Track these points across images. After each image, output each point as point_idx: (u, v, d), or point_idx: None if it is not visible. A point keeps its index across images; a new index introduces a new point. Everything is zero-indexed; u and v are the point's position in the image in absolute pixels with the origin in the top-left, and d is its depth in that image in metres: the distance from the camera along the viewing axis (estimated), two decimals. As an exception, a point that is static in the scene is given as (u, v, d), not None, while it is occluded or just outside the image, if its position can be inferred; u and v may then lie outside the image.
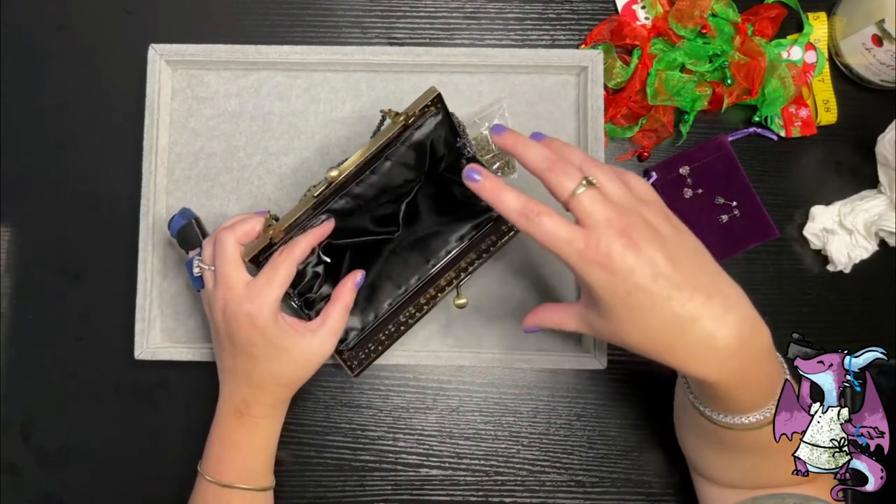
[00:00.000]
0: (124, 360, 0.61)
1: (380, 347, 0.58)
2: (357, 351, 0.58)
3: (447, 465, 0.61)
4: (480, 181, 0.44)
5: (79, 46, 0.65)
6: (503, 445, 0.61)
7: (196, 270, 0.53)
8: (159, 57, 0.61)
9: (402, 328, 0.58)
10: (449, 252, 0.57)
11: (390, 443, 0.62)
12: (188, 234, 0.55)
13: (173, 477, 0.59)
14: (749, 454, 0.49)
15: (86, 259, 0.63)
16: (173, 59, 0.61)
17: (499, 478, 0.61)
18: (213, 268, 0.52)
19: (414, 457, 0.61)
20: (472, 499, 0.61)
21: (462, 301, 0.58)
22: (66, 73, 0.64)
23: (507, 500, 0.61)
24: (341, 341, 0.56)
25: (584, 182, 0.42)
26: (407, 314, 0.58)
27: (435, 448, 0.62)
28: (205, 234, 0.56)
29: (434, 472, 0.61)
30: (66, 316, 0.63)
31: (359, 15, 0.65)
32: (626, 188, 0.44)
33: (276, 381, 0.52)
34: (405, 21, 0.65)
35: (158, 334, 0.61)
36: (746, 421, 0.45)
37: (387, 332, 0.58)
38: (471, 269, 0.58)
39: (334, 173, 0.50)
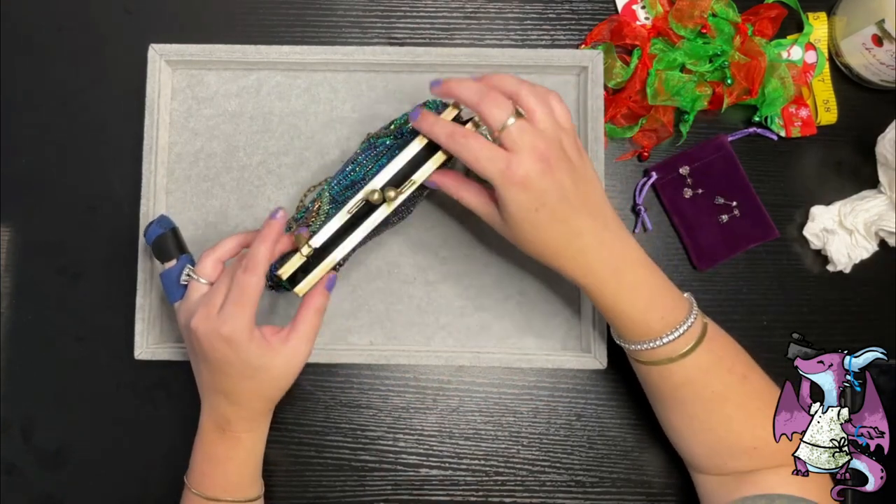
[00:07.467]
0: (124, 360, 0.61)
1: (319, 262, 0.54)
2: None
3: (447, 465, 0.61)
4: (418, 118, 0.51)
5: (79, 46, 0.65)
6: (503, 445, 0.61)
7: (184, 279, 0.52)
8: (159, 57, 0.61)
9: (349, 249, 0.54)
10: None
11: (390, 443, 0.62)
12: (165, 245, 0.53)
13: (173, 477, 0.59)
14: (690, 404, 0.52)
15: (86, 259, 0.63)
16: (173, 59, 0.61)
17: (499, 478, 0.61)
18: (204, 281, 0.51)
19: (414, 457, 0.61)
20: (472, 499, 0.61)
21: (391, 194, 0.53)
22: (66, 73, 0.64)
23: (507, 500, 0.61)
24: (291, 280, 0.53)
25: (514, 114, 0.47)
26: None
27: (435, 448, 0.62)
28: (182, 247, 0.54)
29: (434, 472, 0.61)
30: (66, 316, 0.63)
31: (359, 15, 0.65)
32: (552, 115, 0.49)
33: (255, 395, 0.52)
34: (405, 21, 0.65)
35: (158, 334, 0.61)
36: (651, 346, 0.50)
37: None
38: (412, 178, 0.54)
39: (376, 195, 0.51)
